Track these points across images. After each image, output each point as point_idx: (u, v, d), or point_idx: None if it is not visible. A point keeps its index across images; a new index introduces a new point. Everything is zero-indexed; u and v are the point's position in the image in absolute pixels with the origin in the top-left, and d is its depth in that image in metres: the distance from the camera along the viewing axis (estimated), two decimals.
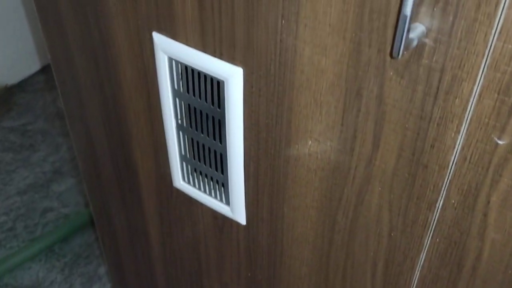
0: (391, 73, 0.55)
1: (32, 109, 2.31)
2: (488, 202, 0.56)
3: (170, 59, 0.74)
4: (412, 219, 0.63)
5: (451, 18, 0.48)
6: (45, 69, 2.52)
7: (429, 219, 0.62)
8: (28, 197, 1.95)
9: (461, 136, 0.54)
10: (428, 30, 0.50)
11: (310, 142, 0.67)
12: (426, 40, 0.50)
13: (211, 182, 0.85)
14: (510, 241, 0.57)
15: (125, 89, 0.85)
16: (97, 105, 0.93)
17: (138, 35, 0.76)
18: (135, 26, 0.75)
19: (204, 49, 0.69)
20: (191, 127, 0.80)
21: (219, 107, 0.73)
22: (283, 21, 0.59)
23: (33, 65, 2.47)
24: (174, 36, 0.71)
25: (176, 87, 0.76)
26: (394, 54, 0.49)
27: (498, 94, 0.49)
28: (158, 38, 0.73)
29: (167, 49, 0.73)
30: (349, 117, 0.61)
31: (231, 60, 0.67)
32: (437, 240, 0.63)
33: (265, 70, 0.65)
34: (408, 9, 0.46)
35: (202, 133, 0.78)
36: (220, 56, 0.68)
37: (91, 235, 1.82)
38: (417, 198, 0.62)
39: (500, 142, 0.52)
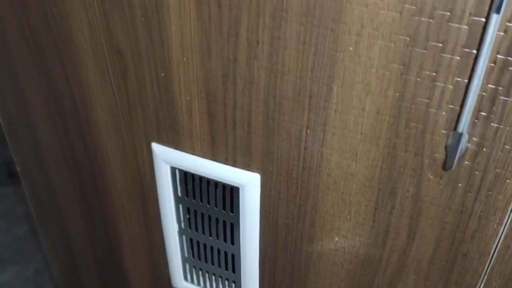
0: (429, 175, 0.55)
1: None
2: None
3: (173, 168, 0.71)
4: None
5: (495, 126, 0.49)
6: None
7: None
8: None
9: (504, 227, 0.55)
10: (471, 136, 0.51)
11: (336, 238, 0.66)
12: (469, 145, 0.52)
13: (219, 279, 0.82)
14: None
15: (116, 198, 0.80)
16: (79, 215, 0.88)
17: (133, 146, 0.72)
18: (130, 138, 0.72)
19: (214, 157, 0.67)
20: (196, 230, 0.77)
21: (231, 211, 0.71)
22: (308, 131, 0.59)
23: None
24: (177, 146, 0.69)
25: (179, 194, 0.73)
26: (448, 168, 0.50)
27: None
28: (159, 149, 0.70)
29: (169, 159, 0.70)
30: (381, 215, 0.61)
31: (247, 167, 0.66)
32: None
33: (286, 175, 0.64)
34: (463, 126, 0.47)
35: (211, 236, 0.76)
36: (234, 164, 0.66)
37: None
38: (455, 284, 0.62)
39: None
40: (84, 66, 0.67)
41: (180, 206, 0.75)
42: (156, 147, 0.70)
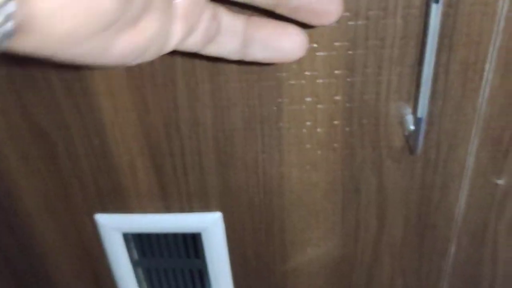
0: (389, 163, 0.58)
1: None
2: (496, 231, 0.63)
3: (126, 234, 0.67)
4: (426, 272, 0.68)
5: (440, 102, 0.53)
6: None
7: (443, 266, 0.67)
8: None
9: (464, 189, 0.60)
10: None
11: (309, 249, 0.67)
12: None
13: None
14: None
15: (63, 284, 0.74)
16: None
17: (74, 224, 0.67)
18: (69, 217, 0.67)
19: (169, 210, 0.65)
20: None
21: (197, 257, 0.68)
22: (263, 155, 0.59)
23: None
24: (125, 210, 0.65)
25: (136, 257, 0.70)
26: (414, 153, 0.53)
27: (492, 146, 0.56)
28: (104, 219, 0.66)
29: (119, 226, 0.66)
30: (349, 213, 0.63)
31: (206, 209, 0.64)
32: (453, 279, 0.68)
33: (248, 204, 0.63)
34: (423, 112, 0.50)
35: None
36: (191, 210, 0.64)
37: None
38: (428, 253, 0.66)
39: (500, 182, 0.59)
40: (1, 157, 0.61)
41: (139, 270, 0.71)
42: (101, 218, 0.66)
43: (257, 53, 0.38)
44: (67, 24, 0.23)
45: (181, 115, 0.56)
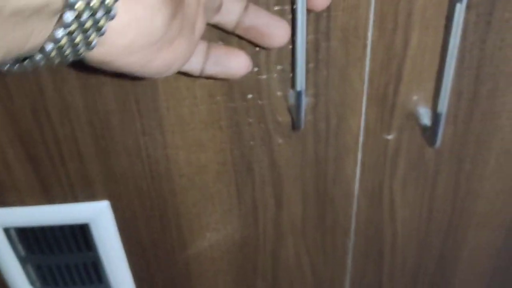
0: (278, 139, 0.55)
1: None
2: (391, 189, 0.61)
3: (7, 230, 0.62)
4: (332, 247, 0.66)
5: (325, 72, 0.50)
6: None
7: (346, 243, 0.65)
8: None
9: (359, 162, 0.57)
10: (306, 89, 0.51)
11: (208, 234, 0.64)
12: (307, 99, 0.52)
13: None
14: (415, 211, 0.63)
15: None
16: None
17: None
18: None
19: (51, 201, 0.60)
20: (56, 285, 0.68)
21: (89, 250, 0.64)
22: (145, 137, 0.55)
23: None
24: (4, 204, 0.60)
25: (23, 254, 0.65)
26: (297, 128, 0.50)
27: (378, 102, 0.53)
28: None
29: None
30: (245, 194, 0.60)
31: (91, 198, 0.59)
32: (358, 249, 0.66)
33: (136, 191, 0.59)
34: (300, 84, 0.46)
35: (74, 284, 0.68)
36: (75, 200, 0.60)
37: None
38: (331, 231, 0.64)
39: (389, 137, 0.56)
40: None
41: (29, 267, 0.66)
42: None
43: (210, 69, 0.45)
44: (129, 37, 0.31)
45: (48, 99, 0.51)
